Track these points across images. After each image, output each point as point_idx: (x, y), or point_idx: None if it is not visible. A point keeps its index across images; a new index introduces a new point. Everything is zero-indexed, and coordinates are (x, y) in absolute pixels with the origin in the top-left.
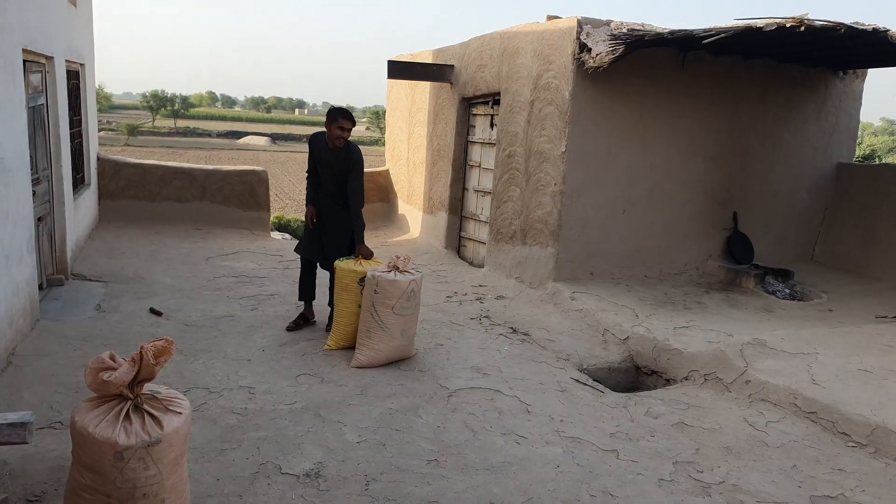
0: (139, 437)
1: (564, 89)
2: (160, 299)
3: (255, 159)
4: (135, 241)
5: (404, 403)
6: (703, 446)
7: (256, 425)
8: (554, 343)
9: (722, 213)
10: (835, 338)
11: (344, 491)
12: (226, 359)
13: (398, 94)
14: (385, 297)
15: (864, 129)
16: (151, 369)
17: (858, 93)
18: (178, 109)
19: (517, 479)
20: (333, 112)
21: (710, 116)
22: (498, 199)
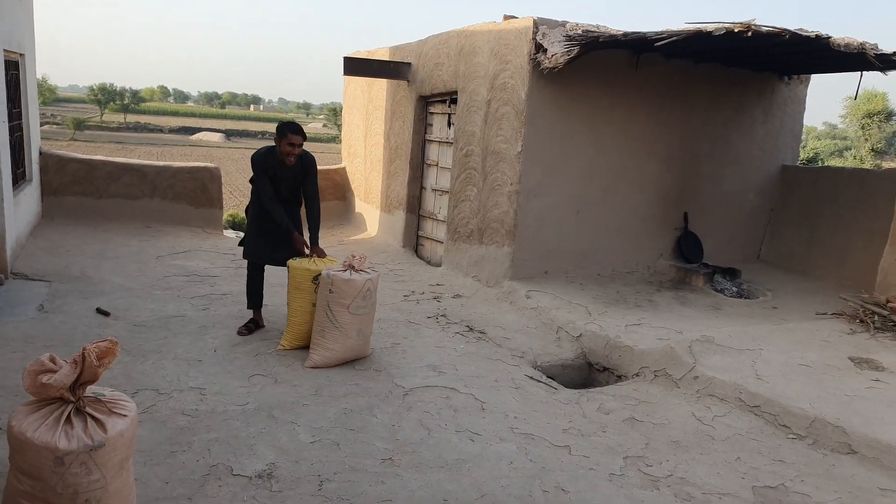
0: (81, 442)
1: (521, 89)
2: (108, 299)
3: (209, 156)
4: (81, 239)
5: (359, 403)
6: (653, 441)
7: (207, 427)
8: (509, 341)
9: (673, 213)
10: (778, 334)
11: (297, 491)
12: (176, 359)
13: (355, 92)
14: (340, 296)
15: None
16: (94, 371)
17: (802, 97)
18: (129, 104)
19: (471, 475)
20: (282, 128)
21: (663, 118)
22: (455, 199)
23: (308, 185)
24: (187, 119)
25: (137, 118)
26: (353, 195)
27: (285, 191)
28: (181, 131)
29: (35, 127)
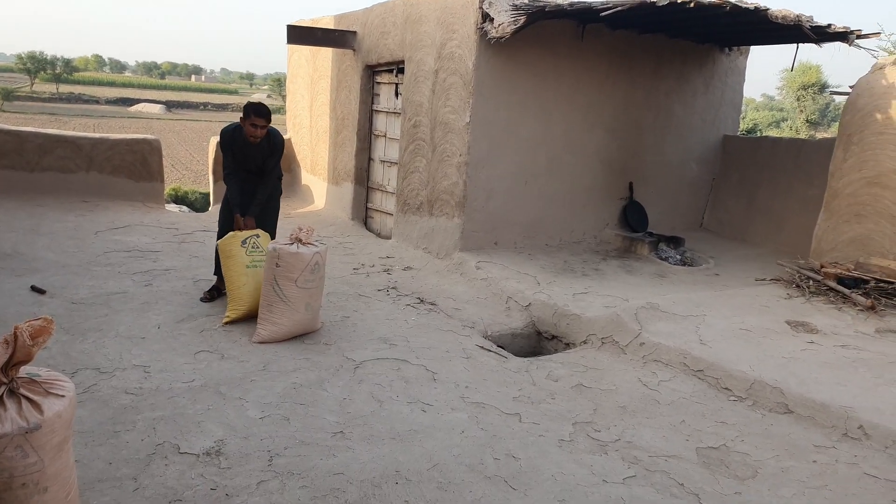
0: (15, 424)
1: (468, 59)
2: (43, 276)
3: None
4: (11, 215)
5: (309, 377)
6: (601, 406)
7: (152, 405)
8: (460, 312)
9: (618, 183)
10: (720, 300)
11: (246, 468)
12: (118, 337)
13: (299, 61)
14: (287, 270)
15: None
16: (28, 350)
17: (742, 68)
18: (61, 73)
19: (423, 446)
20: (247, 109)
21: (608, 89)
22: (404, 170)
23: (269, 162)
24: (125, 90)
25: (71, 89)
26: (298, 167)
27: (252, 166)
28: (119, 102)
29: None
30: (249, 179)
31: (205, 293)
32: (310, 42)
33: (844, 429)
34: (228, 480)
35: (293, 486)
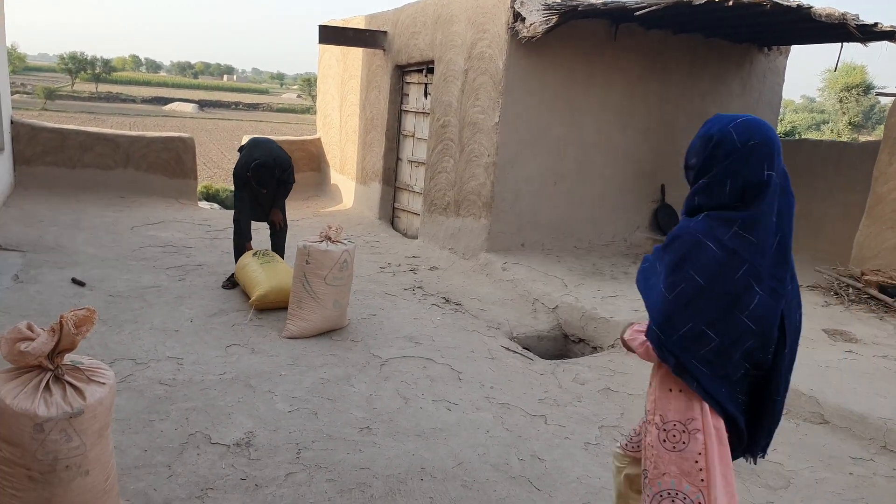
0: (60, 409)
1: (498, 59)
2: (83, 269)
3: (182, 126)
4: (54, 210)
5: (336, 373)
6: (628, 411)
7: (185, 396)
8: (485, 312)
9: (650, 185)
10: None
11: (275, 459)
12: (153, 329)
13: (330, 61)
14: (317, 266)
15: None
16: (72, 339)
17: (782, 69)
18: (100, 73)
19: (448, 444)
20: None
21: (640, 90)
22: (432, 170)
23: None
24: (160, 89)
25: (109, 88)
26: (328, 166)
27: (263, 200)
28: (154, 101)
29: (6, 96)
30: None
31: (225, 281)
32: (341, 42)
33: (883, 441)
34: (258, 471)
35: (320, 478)
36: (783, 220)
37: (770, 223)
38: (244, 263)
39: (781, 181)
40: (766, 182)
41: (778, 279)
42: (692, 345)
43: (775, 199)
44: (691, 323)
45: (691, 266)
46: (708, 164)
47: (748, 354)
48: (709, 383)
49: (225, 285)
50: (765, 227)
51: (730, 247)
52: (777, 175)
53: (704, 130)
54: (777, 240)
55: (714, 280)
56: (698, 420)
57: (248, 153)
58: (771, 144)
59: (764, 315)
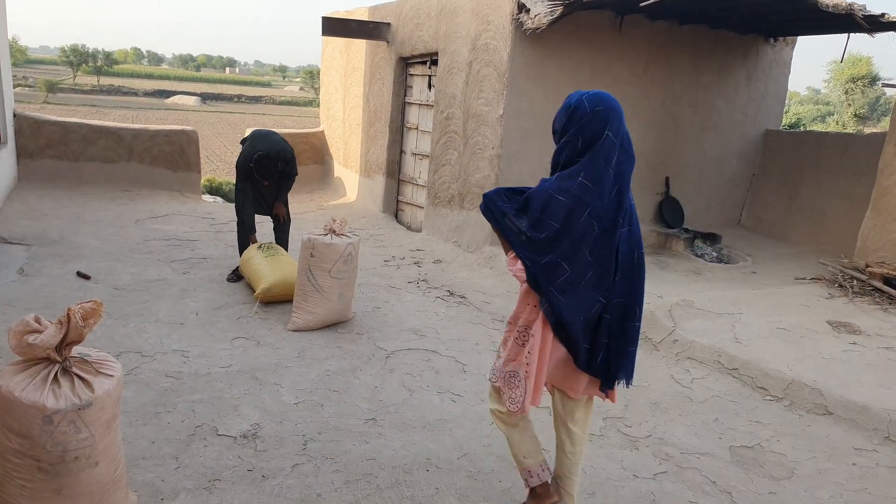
0: (69, 401)
1: (503, 50)
2: (88, 262)
3: (185, 119)
4: (58, 203)
5: (342, 365)
6: (632, 402)
7: (191, 388)
8: (490, 305)
9: (654, 177)
10: (757, 299)
11: (282, 451)
12: (158, 322)
13: (333, 53)
14: (321, 260)
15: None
16: (80, 331)
17: (788, 60)
18: (101, 66)
19: (453, 435)
20: (255, 167)
21: (645, 82)
22: (436, 163)
23: (284, 184)
24: (162, 82)
25: (111, 81)
26: (331, 159)
27: (266, 192)
28: (156, 94)
29: (8, 88)
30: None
31: (230, 274)
32: (344, 34)
33: (887, 432)
34: (264, 463)
35: (327, 469)
36: (622, 176)
37: (608, 175)
38: (249, 256)
39: (622, 142)
40: (603, 138)
41: (613, 221)
42: (551, 273)
43: (613, 155)
44: (550, 256)
45: (549, 216)
46: (567, 127)
47: (595, 286)
48: (560, 308)
49: (230, 278)
50: (603, 177)
51: (576, 194)
52: (615, 136)
53: (566, 103)
54: (616, 190)
55: (566, 223)
56: (537, 328)
57: (250, 145)
58: (612, 112)
59: (601, 251)
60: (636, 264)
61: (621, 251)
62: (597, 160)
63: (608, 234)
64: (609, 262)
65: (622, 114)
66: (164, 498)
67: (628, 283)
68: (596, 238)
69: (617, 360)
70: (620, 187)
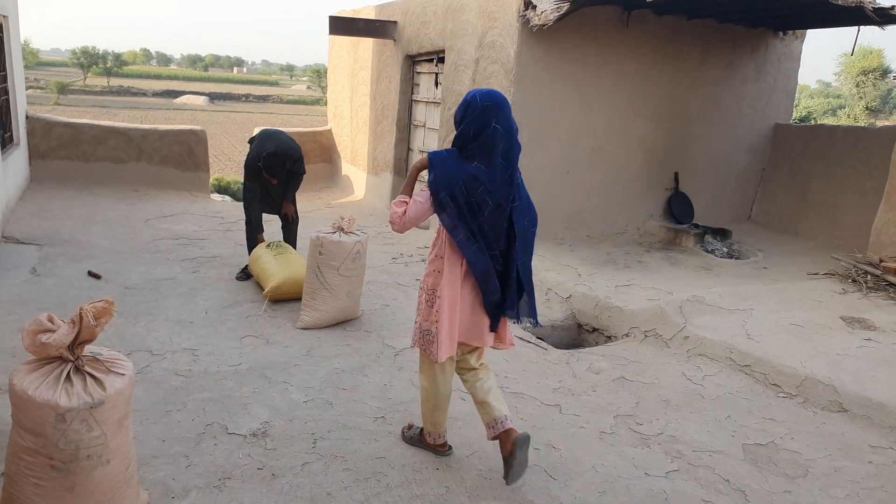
0: (81, 399)
1: (509, 48)
2: (98, 262)
3: (193, 119)
4: (69, 203)
5: (350, 363)
6: (643, 400)
7: (201, 387)
8: None
9: (663, 173)
10: (769, 294)
11: (291, 449)
12: (168, 321)
13: (340, 52)
14: (330, 258)
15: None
16: (92, 331)
17: (797, 53)
18: (111, 67)
19: (463, 433)
20: (263, 164)
21: (653, 77)
22: None
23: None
24: (170, 82)
25: (120, 82)
26: (339, 157)
27: (274, 191)
28: (164, 94)
29: (21, 90)
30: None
31: (239, 273)
32: (351, 32)
33: None
34: (274, 461)
35: (336, 468)
36: (511, 160)
37: (498, 159)
38: (257, 255)
39: (509, 132)
40: (492, 130)
41: (505, 198)
42: (452, 231)
43: (501, 143)
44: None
45: (453, 199)
46: (462, 119)
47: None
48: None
49: (239, 277)
50: (494, 161)
51: (473, 174)
52: (503, 127)
53: (464, 98)
54: (508, 174)
55: (464, 196)
56: (442, 290)
57: (259, 144)
58: (499, 107)
59: (494, 220)
60: (527, 230)
61: (515, 221)
62: (488, 147)
63: (501, 209)
64: (502, 230)
65: (509, 109)
66: (175, 496)
67: (523, 246)
68: (491, 211)
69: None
70: (511, 170)
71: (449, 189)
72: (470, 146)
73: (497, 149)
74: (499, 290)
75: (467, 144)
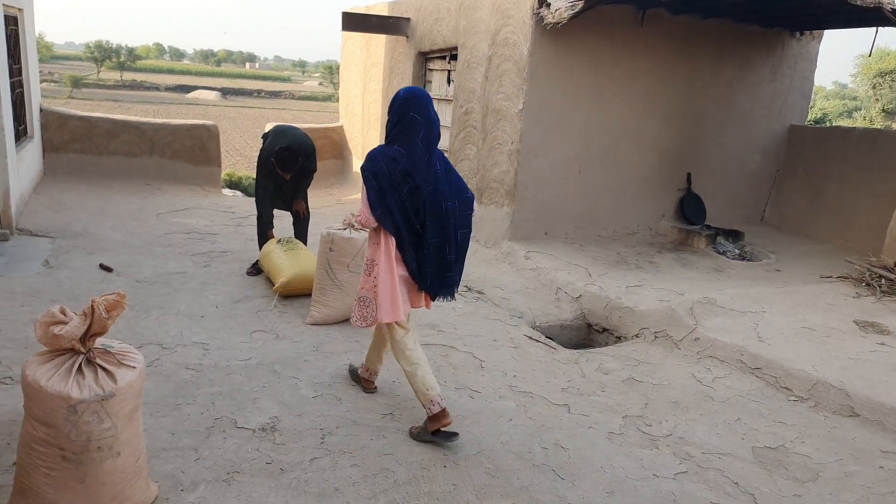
0: (92, 391)
1: (523, 45)
2: (110, 255)
3: (205, 114)
4: (82, 196)
5: (359, 359)
6: (652, 401)
7: (211, 381)
8: (508, 301)
9: (675, 173)
10: (781, 297)
11: (300, 444)
12: (179, 315)
13: (353, 48)
14: (340, 254)
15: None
16: (103, 323)
17: (814, 54)
18: (125, 61)
19: (471, 431)
20: (277, 159)
21: (667, 77)
22: (454, 158)
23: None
24: (183, 77)
25: (133, 76)
26: (350, 154)
27: (286, 187)
28: (177, 89)
29: (35, 83)
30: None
31: (250, 268)
32: (364, 29)
33: None
34: (283, 456)
35: (344, 464)
36: (430, 146)
37: (417, 146)
38: (268, 251)
39: (429, 122)
40: (410, 118)
41: (424, 180)
42: (385, 216)
43: (420, 131)
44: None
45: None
46: (389, 110)
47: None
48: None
49: (249, 272)
50: (414, 147)
51: (392, 156)
52: (422, 117)
53: (394, 96)
54: (426, 159)
55: (387, 176)
56: (379, 260)
57: (272, 139)
58: (418, 100)
59: (411, 198)
60: (444, 213)
61: (429, 203)
62: (407, 132)
63: (419, 190)
64: (417, 210)
65: (429, 101)
66: (184, 489)
67: (439, 227)
68: (410, 190)
69: (438, 281)
70: (429, 156)
71: (372, 169)
72: (393, 132)
73: (416, 135)
74: (413, 262)
75: (391, 131)
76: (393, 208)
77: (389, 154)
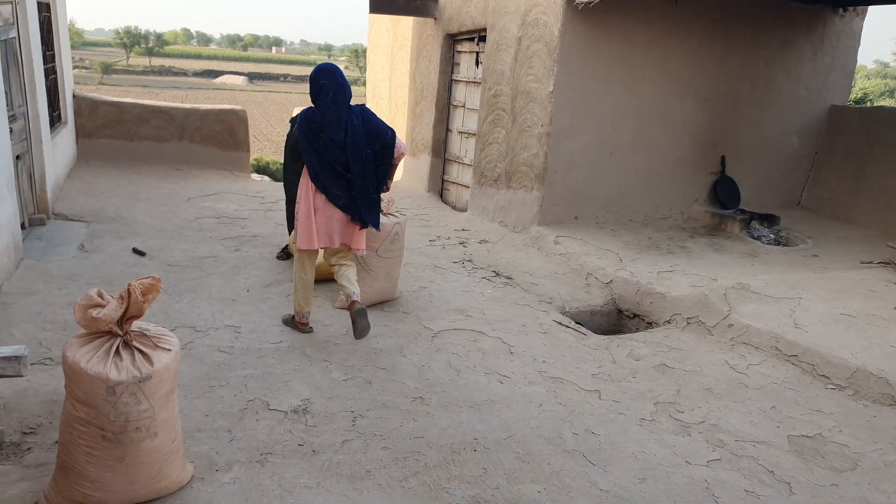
0: (130, 373)
1: (553, 26)
2: (142, 239)
3: (233, 99)
4: (114, 181)
5: (389, 343)
6: (684, 387)
7: (243, 363)
8: (537, 286)
9: (709, 156)
10: (819, 283)
11: (331, 426)
12: (210, 299)
13: (380, 31)
14: (369, 239)
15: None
16: (140, 306)
17: (858, 31)
18: (153, 47)
19: (500, 416)
20: None
21: (701, 57)
22: (483, 141)
23: None
24: (210, 62)
25: (162, 62)
26: None
27: None
28: (204, 74)
29: (68, 69)
30: None
31: (280, 252)
32: (391, 11)
33: None
34: (315, 438)
35: (375, 446)
36: (340, 106)
37: (328, 106)
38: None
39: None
40: (321, 86)
41: (336, 133)
42: (310, 164)
43: (330, 93)
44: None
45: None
46: (309, 82)
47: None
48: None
49: (279, 256)
50: (326, 108)
51: (309, 115)
52: (329, 83)
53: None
54: (336, 115)
55: (306, 133)
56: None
57: None
58: (325, 71)
59: (329, 149)
60: (364, 160)
61: (350, 151)
62: (320, 96)
63: (334, 141)
64: (336, 157)
65: (338, 72)
66: (219, 469)
67: (361, 171)
68: (325, 142)
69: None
70: (339, 115)
71: (300, 126)
72: (312, 98)
73: (326, 97)
74: (341, 198)
75: (312, 98)
76: (311, 156)
77: (308, 115)
